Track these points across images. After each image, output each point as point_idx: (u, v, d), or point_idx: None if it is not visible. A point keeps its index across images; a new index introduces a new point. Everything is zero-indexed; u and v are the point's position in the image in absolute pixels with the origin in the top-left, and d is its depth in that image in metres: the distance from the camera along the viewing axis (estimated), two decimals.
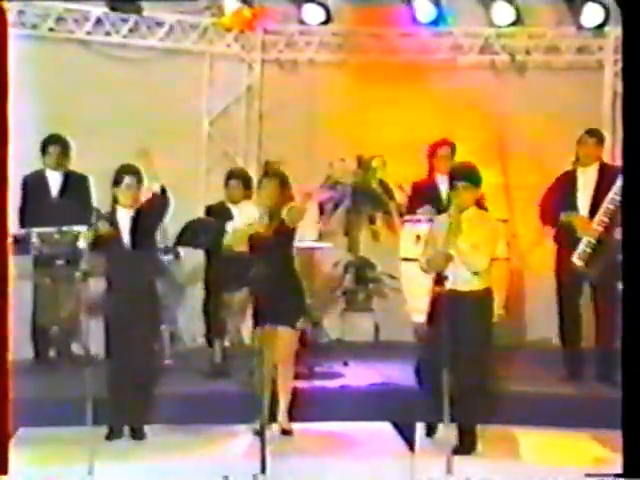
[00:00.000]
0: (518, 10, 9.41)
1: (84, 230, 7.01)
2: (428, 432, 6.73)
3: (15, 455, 5.52)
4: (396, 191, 9.12)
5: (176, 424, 7.03)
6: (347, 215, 9.42)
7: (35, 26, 8.91)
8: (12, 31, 5.87)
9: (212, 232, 7.55)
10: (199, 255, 8.22)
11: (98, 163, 8.04)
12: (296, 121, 9.59)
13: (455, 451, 6.07)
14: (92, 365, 6.16)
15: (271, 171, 7.02)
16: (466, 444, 6.41)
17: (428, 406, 6.47)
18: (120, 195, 6.82)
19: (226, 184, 8.13)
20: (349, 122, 9.46)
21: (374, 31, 9.66)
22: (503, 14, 9.46)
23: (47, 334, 8.05)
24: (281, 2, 9.73)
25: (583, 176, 7.77)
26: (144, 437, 6.83)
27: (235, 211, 7.90)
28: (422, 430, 6.74)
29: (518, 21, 9.48)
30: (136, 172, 6.81)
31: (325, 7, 9.48)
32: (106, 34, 9.21)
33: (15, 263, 6.78)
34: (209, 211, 8.09)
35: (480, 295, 6.42)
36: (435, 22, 9.54)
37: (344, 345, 9.11)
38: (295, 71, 9.89)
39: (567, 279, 7.72)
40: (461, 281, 6.33)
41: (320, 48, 9.78)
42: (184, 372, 8.00)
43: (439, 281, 6.28)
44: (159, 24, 9.40)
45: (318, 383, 7.66)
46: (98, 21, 9.15)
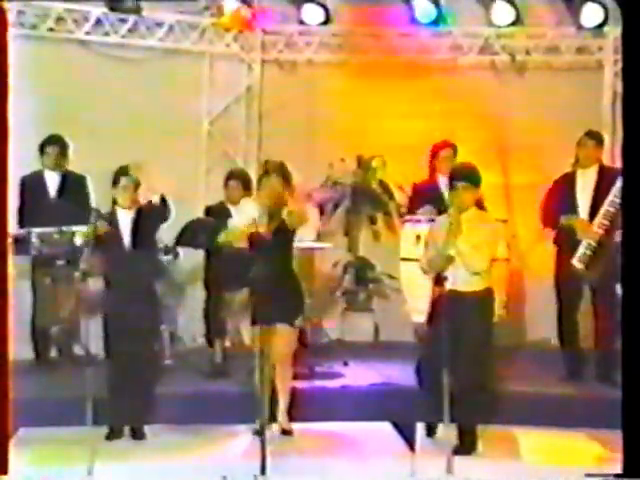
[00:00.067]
0: (518, 10, 9.40)
1: (83, 229, 7.02)
2: (428, 432, 6.74)
3: (15, 455, 5.52)
4: (396, 191, 9.12)
5: (176, 424, 7.04)
6: (347, 215, 9.42)
7: (35, 26, 8.90)
8: (12, 31, 5.87)
9: (212, 232, 7.54)
10: (199, 255, 8.22)
11: (98, 163, 8.04)
12: (296, 121, 9.58)
13: (455, 451, 6.06)
14: (92, 365, 6.16)
15: (271, 169, 6.99)
16: (466, 444, 6.41)
17: (428, 406, 6.47)
18: (118, 196, 6.83)
19: (226, 185, 8.13)
20: (349, 122, 9.45)
21: (374, 31, 9.65)
22: (503, 14, 9.44)
23: (47, 334, 8.05)
24: (280, 2, 9.72)
25: (582, 178, 7.76)
26: (144, 437, 6.84)
27: (234, 211, 7.90)
28: (422, 430, 6.75)
29: (518, 21, 9.46)
30: (129, 173, 6.78)
31: (324, 7, 9.47)
32: (105, 34, 9.19)
33: (15, 263, 6.79)
34: (209, 211, 8.10)
35: (480, 295, 6.42)
36: (435, 22, 9.53)
37: (344, 345, 9.11)
38: (295, 71, 9.88)
39: (567, 282, 7.72)
40: (461, 281, 6.33)
41: (320, 48, 9.76)
42: (184, 372, 8.00)
43: (439, 281, 6.29)
44: (158, 24, 9.38)
45: (318, 383, 7.66)
46: (98, 21, 9.13)
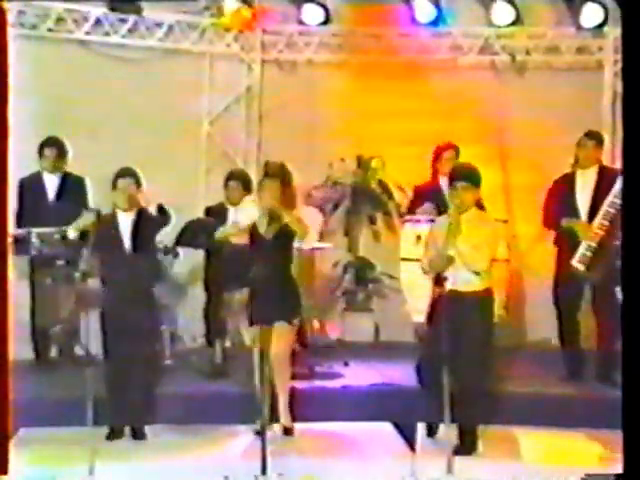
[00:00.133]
0: (518, 10, 9.39)
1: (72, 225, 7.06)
2: (429, 432, 6.74)
3: (15, 455, 5.52)
4: (395, 191, 9.12)
5: (176, 424, 7.04)
6: (347, 215, 9.41)
7: (35, 26, 8.90)
8: (12, 31, 5.87)
9: (212, 232, 7.55)
10: (199, 255, 8.22)
11: (98, 163, 8.05)
12: (296, 121, 9.57)
13: (456, 451, 6.06)
14: (92, 365, 6.16)
15: (271, 171, 6.99)
16: (467, 444, 6.41)
17: (429, 406, 6.47)
18: (116, 198, 6.80)
19: (225, 185, 8.12)
20: (349, 122, 9.44)
21: (374, 31, 9.65)
22: (503, 14, 9.44)
23: (47, 334, 8.04)
24: (280, 2, 9.72)
25: (582, 179, 7.75)
26: (144, 437, 6.84)
27: (235, 211, 7.90)
28: (423, 430, 6.75)
29: (518, 21, 9.46)
30: (131, 175, 6.78)
31: (324, 7, 9.46)
32: (105, 34, 9.19)
33: (15, 263, 6.79)
34: (208, 212, 8.09)
35: (481, 295, 6.42)
36: (435, 22, 9.52)
37: (344, 345, 9.10)
38: (295, 71, 9.88)
39: (567, 283, 7.70)
40: (461, 281, 6.33)
41: (319, 48, 9.76)
42: (184, 372, 8.00)
43: (439, 281, 6.28)
44: (158, 24, 9.38)
45: (318, 383, 7.67)
46: (98, 21, 9.13)
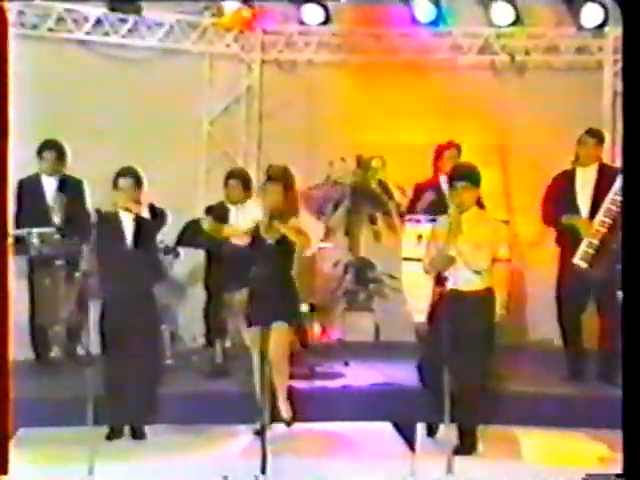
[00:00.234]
0: (518, 10, 9.40)
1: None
2: (429, 432, 6.74)
3: (15, 455, 5.51)
4: (395, 191, 9.11)
5: (176, 424, 7.04)
6: (347, 215, 9.41)
7: (35, 26, 8.89)
8: (12, 31, 5.86)
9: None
10: (199, 255, 8.22)
11: (98, 164, 8.03)
12: (296, 121, 9.58)
13: (456, 451, 6.06)
14: (93, 365, 6.15)
15: (274, 175, 6.99)
16: (467, 444, 6.41)
17: (429, 406, 6.47)
18: (117, 197, 6.79)
19: (225, 184, 8.12)
20: (349, 122, 9.45)
21: (373, 31, 9.65)
22: (503, 14, 9.45)
23: (47, 334, 8.04)
24: (280, 2, 9.72)
25: (582, 176, 7.75)
26: (144, 437, 6.84)
27: (234, 211, 7.90)
28: (423, 430, 6.75)
29: (518, 21, 9.46)
30: (130, 174, 6.77)
31: (324, 7, 9.47)
32: (106, 34, 9.19)
33: (14, 263, 6.79)
34: (209, 211, 8.08)
35: (482, 295, 6.42)
36: (435, 22, 9.53)
37: (345, 345, 9.09)
38: (294, 71, 9.88)
39: (570, 281, 7.70)
40: (462, 281, 6.33)
41: (319, 48, 9.77)
42: (185, 372, 8.00)
43: (440, 281, 6.28)
44: (158, 24, 9.39)
45: (319, 383, 7.67)
46: (98, 21, 9.13)
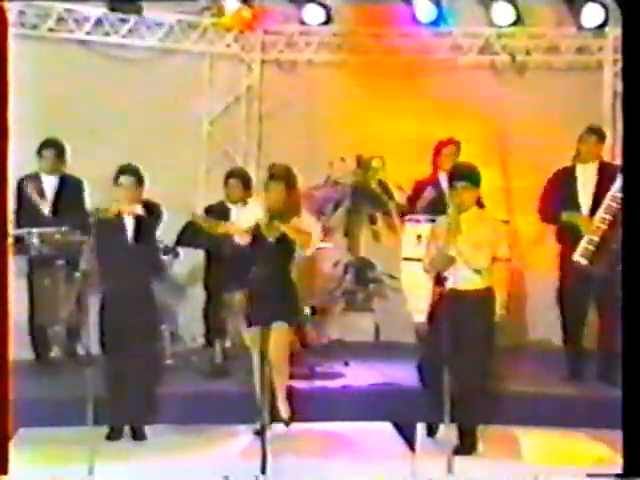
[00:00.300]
0: (518, 10, 9.39)
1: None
2: (429, 432, 6.74)
3: (15, 455, 5.52)
4: (395, 191, 9.11)
5: (176, 424, 7.03)
6: (347, 215, 9.41)
7: (35, 26, 8.89)
8: (12, 31, 5.87)
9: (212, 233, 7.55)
10: (199, 255, 8.22)
11: (98, 163, 8.04)
12: (296, 121, 9.58)
13: (456, 451, 6.05)
14: (92, 365, 6.15)
15: (277, 174, 7.00)
16: (467, 444, 6.41)
17: (429, 406, 6.47)
18: (118, 195, 6.78)
19: (226, 183, 8.13)
20: (349, 122, 9.45)
21: (374, 31, 9.64)
22: (503, 14, 9.44)
23: (47, 334, 8.04)
24: (281, 2, 9.72)
25: (583, 173, 7.74)
26: (144, 437, 6.84)
27: (236, 210, 7.90)
28: (423, 430, 6.74)
29: (518, 21, 9.46)
30: (131, 171, 6.77)
31: (325, 7, 9.47)
32: (106, 34, 9.18)
33: (14, 263, 6.79)
34: (208, 211, 8.08)
35: (482, 294, 6.41)
36: (435, 22, 9.52)
37: (345, 345, 9.09)
38: (295, 71, 9.87)
39: (571, 278, 7.68)
40: (462, 281, 6.33)
41: (320, 48, 9.76)
42: (184, 372, 7.99)
43: (440, 281, 6.28)
44: (159, 24, 9.38)
45: (319, 383, 7.67)
46: (98, 21, 9.12)
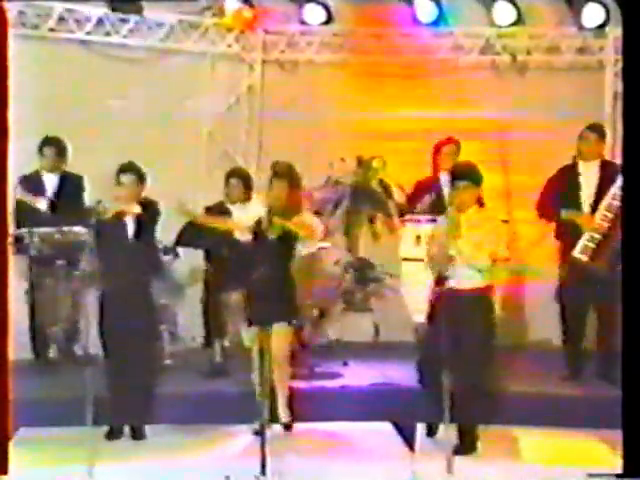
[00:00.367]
0: (519, 10, 9.39)
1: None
2: (428, 432, 6.74)
3: (15, 455, 5.54)
4: (396, 191, 9.11)
5: (176, 424, 7.03)
6: (347, 215, 9.40)
7: (35, 26, 8.89)
8: (12, 31, 5.88)
9: (211, 232, 7.54)
10: (199, 255, 8.22)
11: (98, 163, 8.03)
12: (296, 121, 9.57)
13: (455, 451, 6.07)
14: (92, 365, 6.16)
15: (280, 171, 7.00)
16: (466, 444, 6.41)
17: (428, 406, 6.47)
18: (119, 194, 6.78)
19: (226, 182, 8.11)
20: (349, 122, 9.45)
21: (375, 31, 9.65)
22: (504, 14, 9.44)
23: (47, 334, 8.04)
24: (282, 2, 9.72)
25: (585, 171, 7.74)
26: (144, 437, 6.84)
27: (236, 210, 7.90)
28: (422, 430, 6.75)
29: (519, 21, 9.46)
30: (132, 170, 6.77)
31: (326, 7, 9.47)
32: (107, 34, 9.19)
33: (14, 263, 6.79)
34: (208, 211, 8.07)
35: (482, 293, 6.41)
36: (436, 22, 9.52)
37: (344, 345, 9.08)
38: (296, 71, 9.88)
39: (571, 278, 7.67)
40: (462, 280, 6.32)
41: (321, 48, 9.77)
42: (184, 372, 7.99)
43: (440, 281, 6.28)
44: (160, 24, 9.38)
45: (318, 383, 7.67)
46: (99, 21, 9.13)
